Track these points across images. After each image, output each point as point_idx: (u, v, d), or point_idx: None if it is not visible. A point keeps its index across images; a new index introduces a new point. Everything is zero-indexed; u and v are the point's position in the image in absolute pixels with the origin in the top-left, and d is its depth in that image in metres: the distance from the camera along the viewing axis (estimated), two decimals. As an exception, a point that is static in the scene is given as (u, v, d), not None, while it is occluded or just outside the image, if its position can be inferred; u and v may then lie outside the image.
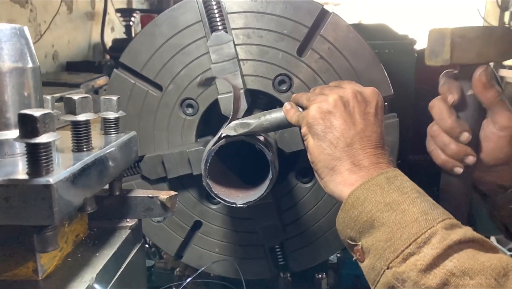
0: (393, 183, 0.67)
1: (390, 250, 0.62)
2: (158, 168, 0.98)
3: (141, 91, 0.99)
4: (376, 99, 0.76)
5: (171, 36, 0.97)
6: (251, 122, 0.81)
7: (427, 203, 0.65)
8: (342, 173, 0.71)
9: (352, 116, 0.73)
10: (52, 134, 0.49)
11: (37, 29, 2.33)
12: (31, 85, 0.60)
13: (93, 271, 0.58)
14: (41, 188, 0.47)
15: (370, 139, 0.72)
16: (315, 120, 0.74)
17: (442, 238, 0.59)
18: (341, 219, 0.70)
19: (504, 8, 3.84)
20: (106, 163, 0.61)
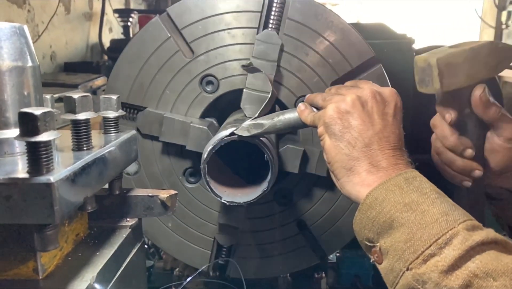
0: (412, 184, 0.66)
1: (410, 251, 0.61)
2: (154, 126, 0.98)
3: (171, 47, 0.98)
4: (395, 99, 0.75)
5: (224, 13, 0.97)
6: (264, 123, 0.81)
7: (447, 204, 0.64)
8: (360, 174, 0.70)
9: (371, 116, 0.72)
10: (53, 133, 0.49)
11: (34, 29, 2.32)
12: (31, 84, 0.60)
13: (94, 270, 0.58)
14: (42, 187, 0.47)
15: (389, 140, 0.72)
16: (332, 120, 0.73)
17: (464, 239, 0.58)
18: (359, 220, 0.69)
19: (501, 8, 3.85)
20: (106, 162, 0.61)
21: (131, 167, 1.01)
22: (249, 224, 1.05)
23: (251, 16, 0.96)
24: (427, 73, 0.78)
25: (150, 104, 0.99)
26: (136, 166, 1.02)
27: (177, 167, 1.03)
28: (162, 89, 0.99)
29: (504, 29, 3.81)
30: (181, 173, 1.03)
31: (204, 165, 0.82)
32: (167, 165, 1.03)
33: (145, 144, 1.01)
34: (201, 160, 0.83)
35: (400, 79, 1.21)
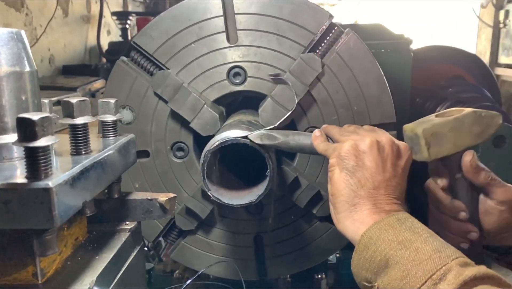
0: (404, 224, 0.68)
1: (406, 288, 0.62)
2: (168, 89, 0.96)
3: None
4: (408, 155, 0.78)
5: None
6: (278, 137, 0.83)
7: (439, 242, 0.66)
8: (362, 212, 0.72)
9: (384, 163, 0.75)
10: (51, 138, 0.49)
11: (33, 33, 2.32)
12: (29, 89, 0.60)
13: (93, 274, 0.58)
14: (40, 192, 0.47)
15: (395, 190, 0.74)
16: (348, 155, 0.75)
17: (457, 274, 0.60)
18: (356, 261, 0.70)
19: (499, 7, 3.86)
20: (104, 166, 0.61)
21: (126, 115, 1.00)
22: (213, 219, 1.05)
23: (305, 33, 0.97)
24: (414, 142, 0.82)
25: (173, 68, 0.99)
26: (131, 116, 1.01)
27: (170, 136, 1.02)
28: (191, 60, 0.99)
29: (502, 28, 3.82)
30: (170, 144, 1.02)
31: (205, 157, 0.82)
32: (161, 130, 1.02)
33: (150, 101, 1.00)
34: (205, 150, 0.83)
35: (397, 79, 1.21)
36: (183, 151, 1.02)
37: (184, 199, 1.02)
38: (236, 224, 1.06)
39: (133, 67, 0.99)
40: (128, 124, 1.01)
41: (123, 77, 1.00)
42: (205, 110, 0.95)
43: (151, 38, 0.98)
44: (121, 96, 0.99)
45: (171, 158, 1.02)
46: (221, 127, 0.96)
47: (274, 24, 0.97)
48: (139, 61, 1.00)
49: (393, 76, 1.14)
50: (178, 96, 0.96)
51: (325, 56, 0.98)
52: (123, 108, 1.00)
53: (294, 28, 0.96)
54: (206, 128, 0.96)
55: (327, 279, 1.27)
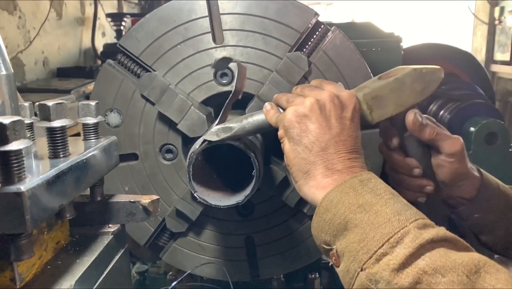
0: (367, 185, 0.67)
1: (363, 251, 0.61)
2: (155, 91, 0.96)
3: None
4: (354, 103, 0.76)
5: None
6: (233, 126, 0.81)
7: (400, 204, 0.65)
8: (315, 177, 0.71)
9: (328, 120, 0.73)
10: (23, 142, 0.48)
11: (26, 36, 2.32)
12: (5, 92, 0.59)
13: (72, 279, 0.58)
14: (12, 196, 0.46)
15: (345, 144, 0.72)
16: (291, 124, 0.74)
17: (414, 237, 0.59)
18: (316, 223, 0.69)
19: (494, 4, 3.86)
20: (83, 168, 0.61)
21: (114, 118, 1.00)
22: (204, 222, 1.05)
23: (291, 32, 0.96)
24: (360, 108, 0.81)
25: (160, 69, 0.98)
26: (119, 119, 1.00)
27: (158, 138, 1.02)
28: (178, 61, 0.98)
29: (497, 25, 3.81)
30: (159, 146, 1.02)
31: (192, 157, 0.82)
32: (149, 132, 1.01)
33: (137, 103, 0.99)
34: (190, 151, 0.83)
35: (387, 78, 1.21)
36: (172, 153, 1.02)
37: (174, 201, 1.02)
38: (227, 225, 1.06)
39: (119, 70, 0.99)
40: (116, 128, 1.00)
41: (110, 80, 0.99)
42: (192, 112, 0.95)
43: (136, 40, 0.97)
44: (108, 99, 0.99)
45: (160, 160, 1.02)
46: (208, 128, 0.95)
47: (260, 24, 0.96)
48: (126, 64, 0.99)
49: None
50: (165, 98, 0.95)
51: (312, 55, 0.97)
52: (110, 112, 0.99)
53: (280, 27, 0.96)
54: (194, 130, 0.95)
55: (320, 278, 1.27)
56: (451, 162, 0.82)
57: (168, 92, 0.95)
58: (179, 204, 1.00)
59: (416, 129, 0.80)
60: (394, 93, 0.79)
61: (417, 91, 0.80)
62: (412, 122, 0.80)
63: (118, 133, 0.99)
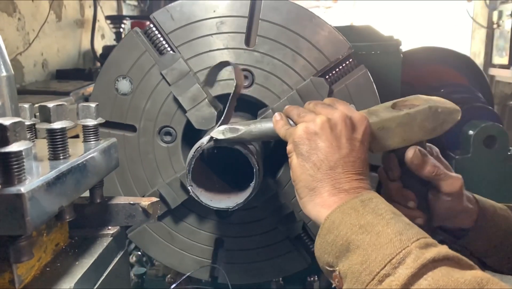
0: (368, 205, 0.67)
1: (366, 273, 0.61)
2: (174, 73, 0.96)
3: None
4: (365, 125, 0.76)
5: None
6: (240, 128, 0.81)
7: (402, 224, 0.65)
8: (321, 194, 0.71)
9: (338, 140, 0.73)
10: (24, 143, 0.48)
11: (25, 37, 2.32)
12: (5, 94, 0.59)
13: (72, 281, 0.57)
14: (12, 197, 0.46)
15: (354, 165, 0.72)
16: (301, 140, 0.74)
17: (416, 257, 0.59)
18: (319, 244, 0.69)
19: (492, 8, 3.87)
20: (83, 170, 0.61)
21: (124, 86, 0.99)
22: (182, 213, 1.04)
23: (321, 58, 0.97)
24: None
25: (184, 53, 0.97)
26: (129, 88, 0.99)
27: (161, 119, 1.01)
28: (204, 51, 0.98)
29: (496, 28, 3.83)
30: (160, 126, 1.01)
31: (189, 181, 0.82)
32: (154, 110, 1.01)
33: (152, 78, 0.98)
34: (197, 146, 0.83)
35: (387, 81, 1.21)
36: (171, 136, 1.01)
37: (158, 184, 1.01)
38: (203, 222, 1.05)
39: (144, 41, 0.98)
40: (123, 95, 0.99)
41: (132, 48, 0.98)
42: (204, 104, 0.95)
43: (171, 18, 0.96)
44: (124, 66, 0.98)
45: (156, 140, 1.01)
46: (216, 124, 0.95)
47: (294, 40, 0.96)
48: (152, 37, 0.98)
49: (383, 78, 1.14)
50: (182, 82, 0.95)
51: (334, 84, 0.97)
52: (122, 78, 0.98)
53: (312, 49, 0.96)
54: (201, 122, 0.95)
55: (319, 281, 1.27)
56: (448, 200, 0.83)
57: (187, 78, 0.95)
58: (163, 188, 0.99)
59: (414, 167, 0.80)
60: (402, 128, 0.78)
61: (427, 129, 0.79)
62: (410, 160, 0.80)
63: (124, 101, 0.99)
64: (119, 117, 1.00)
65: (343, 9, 5.38)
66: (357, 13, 5.29)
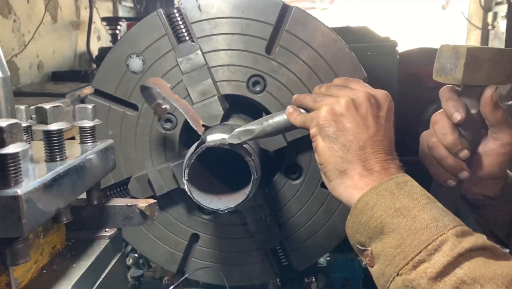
0: (403, 189, 0.67)
1: (400, 257, 0.61)
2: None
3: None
4: (388, 103, 0.75)
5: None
6: (254, 128, 0.81)
7: (438, 210, 0.64)
8: (353, 177, 0.70)
9: (365, 119, 0.72)
10: (20, 145, 0.48)
11: (21, 39, 2.31)
12: (1, 95, 0.59)
13: (69, 283, 0.57)
14: (9, 200, 0.46)
15: (382, 144, 0.72)
16: (327, 122, 0.72)
17: (453, 246, 0.59)
18: (351, 224, 0.69)
19: (487, 9, 3.89)
20: (80, 172, 0.60)
21: (135, 64, 0.97)
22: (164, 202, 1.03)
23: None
24: (452, 61, 0.78)
25: (203, 46, 0.96)
26: (140, 67, 0.97)
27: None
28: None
29: (491, 30, 3.85)
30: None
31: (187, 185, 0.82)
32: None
33: (166, 63, 0.97)
34: (185, 159, 0.82)
35: (383, 82, 1.21)
36: (171, 123, 1.00)
37: (148, 168, 1.00)
38: (183, 215, 1.04)
39: (166, 25, 0.96)
40: (132, 73, 0.98)
41: (152, 28, 0.96)
42: (214, 101, 0.94)
43: (198, 8, 0.96)
44: (140, 45, 0.97)
45: (155, 124, 1.00)
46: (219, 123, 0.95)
47: (314, 60, 0.95)
48: (174, 23, 0.97)
49: (380, 79, 1.14)
50: (196, 74, 0.94)
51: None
52: (136, 56, 0.97)
53: (330, 72, 0.95)
54: (206, 118, 0.94)
55: (317, 282, 1.27)
56: (500, 153, 0.80)
57: (201, 70, 0.94)
58: (152, 174, 0.98)
59: (490, 107, 0.78)
60: (491, 64, 0.77)
61: (507, 73, 0.78)
62: (490, 97, 0.77)
63: (132, 78, 0.98)
64: (123, 94, 0.98)
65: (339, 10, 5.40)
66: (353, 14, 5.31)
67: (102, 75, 0.99)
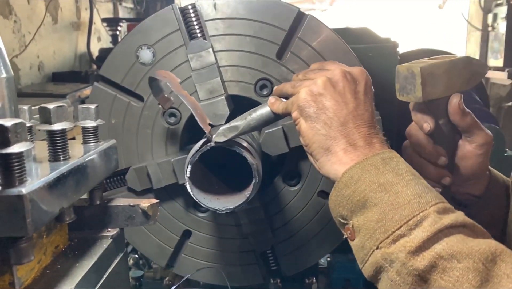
0: (389, 164, 0.67)
1: (381, 231, 0.62)
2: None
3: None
4: (365, 78, 0.77)
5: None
6: (238, 124, 0.81)
7: (421, 186, 0.65)
8: (337, 153, 0.71)
9: (343, 96, 0.73)
10: (25, 144, 0.48)
11: (21, 40, 2.31)
12: (5, 95, 0.59)
13: (72, 283, 0.57)
14: (14, 199, 0.46)
15: (363, 118, 0.73)
16: (306, 103, 0.74)
17: (433, 222, 0.60)
18: (334, 197, 0.70)
19: (487, 11, 3.90)
20: (83, 172, 0.60)
21: (146, 55, 0.97)
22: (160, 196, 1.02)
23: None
24: (409, 81, 0.80)
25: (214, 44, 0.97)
26: (150, 59, 0.97)
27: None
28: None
29: (491, 31, 3.85)
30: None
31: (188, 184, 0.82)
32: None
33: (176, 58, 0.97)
34: (189, 156, 0.83)
35: (384, 83, 1.21)
36: (175, 117, 0.99)
37: (148, 161, 0.99)
38: (178, 210, 1.04)
39: (180, 20, 0.96)
40: (141, 64, 0.97)
41: (165, 22, 0.96)
42: (221, 100, 0.94)
43: (214, 6, 0.96)
44: (152, 36, 0.97)
45: (159, 118, 1.00)
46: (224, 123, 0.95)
47: None
48: (188, 18, 0.97)
49: (380, 80, 1.14)
50: (205, 72, 0.94)
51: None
52: (147, 48, 0.97)
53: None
54: (212, 116, 0.94)
55: (317, 283, 1.27)
56: (479, 154, 0.82)
57: (211, 68, 0.94)
58: (152, 167, 0.98)
59: (459, 113, 0.80)
60: (447, 75, 0.79)
61: (465, 79, 0.81)
62: (457, 105, 0.80)
63: (140, 69, 0.98)
64: (130, 84, 0.99)
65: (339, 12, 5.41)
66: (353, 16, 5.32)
67: (110, 63, 0.99)
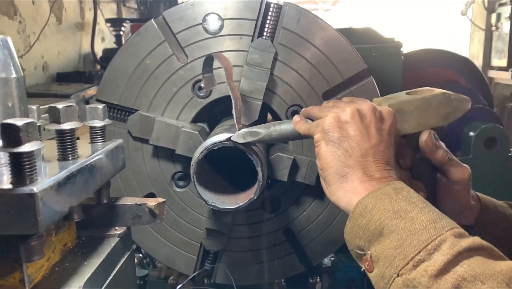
0: (400, 193, 0.68)
1: (400, 257, 0.62)
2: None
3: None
4: (392, 119, 0.77)
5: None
6: (260, 131, 0.82)
7: (435, 213, 0.66)
8: (353, 182, 0.72)
9: (369, 129, 0.74)
10: (36, 143, 0.49)
11: (26, 40, 2.32)
12: (15, 95, 0.60)
13: (81, 280, 0.58)
14: (25, 197, 0.47)
15: (383, 155, 0.74)
16: (332, 127, 0.75)
17: (452, 245, 0.60)
18: (349, 228, 0.70)
19: (491, 10, 3.90)
20: (92, 171, 0.61)
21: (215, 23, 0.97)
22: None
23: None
24: None
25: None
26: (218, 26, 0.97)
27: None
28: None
29: (494, 31, 3.85)
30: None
31: (194, 165, 0.82)
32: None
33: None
34: (192, 161, 0.83)
35: (388, 82, 1.22)
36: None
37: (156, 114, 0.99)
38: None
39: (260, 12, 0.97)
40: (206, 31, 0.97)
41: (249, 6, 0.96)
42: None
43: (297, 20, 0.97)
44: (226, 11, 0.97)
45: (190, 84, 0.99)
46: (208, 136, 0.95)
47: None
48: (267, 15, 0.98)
49: (384, 80, 1.14)
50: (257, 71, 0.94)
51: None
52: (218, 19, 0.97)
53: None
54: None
55: (321, 282, 1.27)
56: (457, 190, 0.83)
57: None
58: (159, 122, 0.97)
59: (428, 150, 0.81)
60: (418, 112, 0.79)
61: (441, 115, 0.80)
62: (425, 142, 0.81)
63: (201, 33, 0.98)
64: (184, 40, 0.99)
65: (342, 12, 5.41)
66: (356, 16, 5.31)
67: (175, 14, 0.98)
